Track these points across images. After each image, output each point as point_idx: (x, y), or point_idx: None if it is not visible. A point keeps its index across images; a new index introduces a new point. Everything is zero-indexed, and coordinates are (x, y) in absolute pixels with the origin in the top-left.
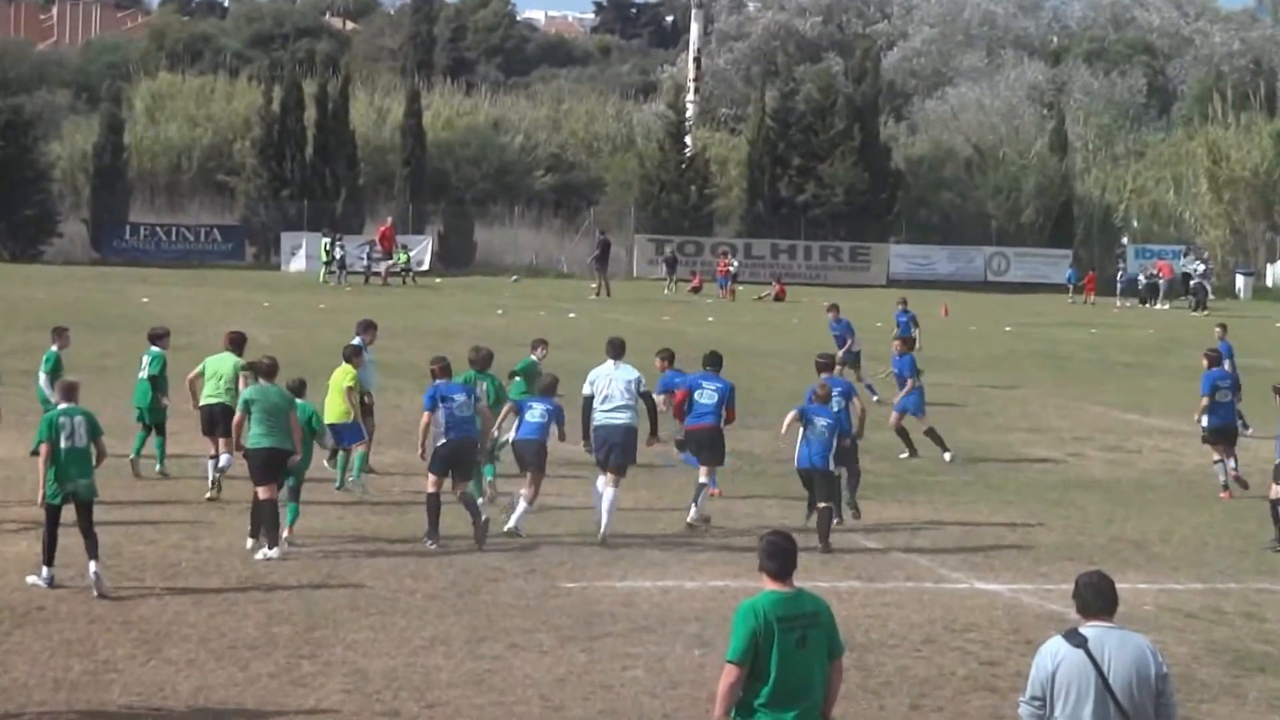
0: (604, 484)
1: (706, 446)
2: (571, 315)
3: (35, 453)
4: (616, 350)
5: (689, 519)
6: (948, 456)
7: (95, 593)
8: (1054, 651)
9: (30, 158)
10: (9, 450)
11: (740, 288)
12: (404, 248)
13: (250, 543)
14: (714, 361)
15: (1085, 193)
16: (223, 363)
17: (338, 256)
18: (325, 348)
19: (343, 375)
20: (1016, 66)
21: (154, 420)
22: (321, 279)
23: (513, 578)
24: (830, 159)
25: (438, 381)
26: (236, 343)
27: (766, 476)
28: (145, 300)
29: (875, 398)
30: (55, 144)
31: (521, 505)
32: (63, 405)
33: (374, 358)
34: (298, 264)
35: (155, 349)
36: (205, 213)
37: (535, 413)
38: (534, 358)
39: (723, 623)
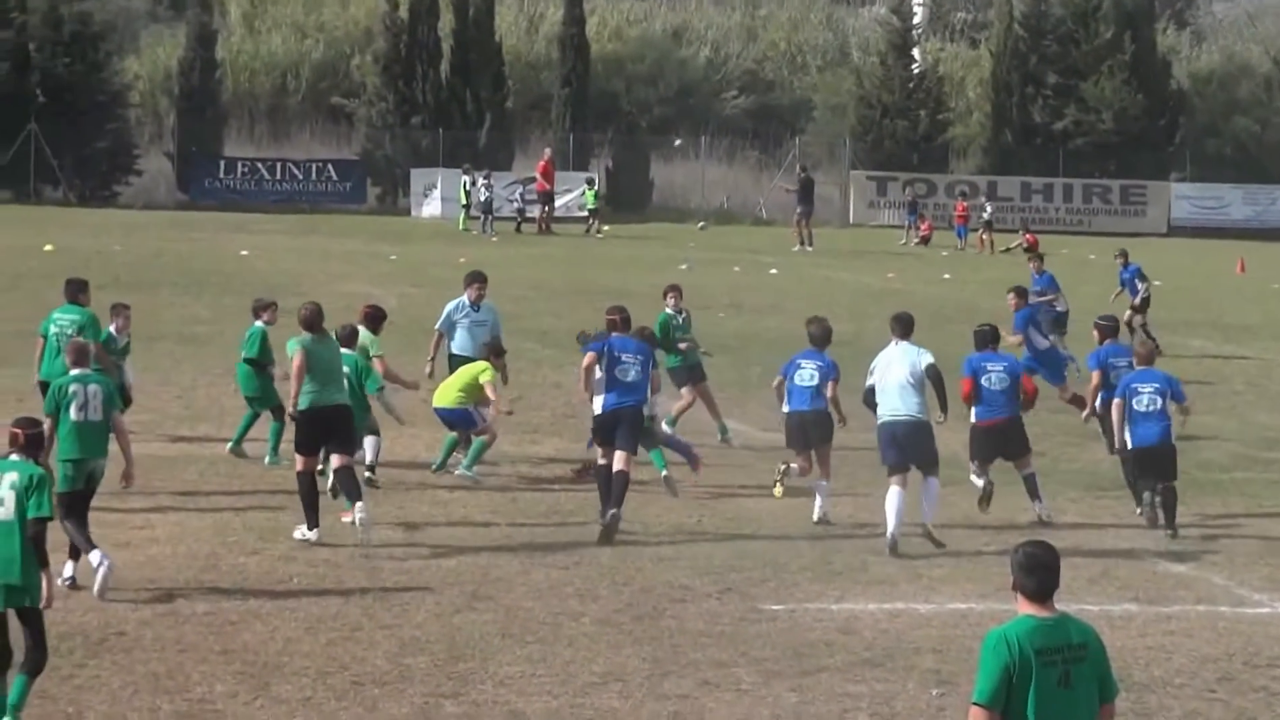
0: (896, 492)
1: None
2: (773, 272)
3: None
4: (904, 327)
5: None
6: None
7: (63, 584)
8: None
9: (102, 78)
10: None
11: (987, 237)
12: (590, 184)
13: (300, 532)
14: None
15: None
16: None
17: (482, 199)
18: None
19: (479, 371)
20: None
21: (263, 405)
22: (461, 226)
23: (703, 598)
24: (1095, 76)
25: (613, 335)
26: (373, 319)
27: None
28: (243, 253)
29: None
30: (132, 61)
31: (823, 485)
32: (75, 371)
33: (495, 310)
34: (431, 208)
35: (257, 324)
36: (317, 145)
37: (806, 373)
38: (668, 310)
39: (966, 655)
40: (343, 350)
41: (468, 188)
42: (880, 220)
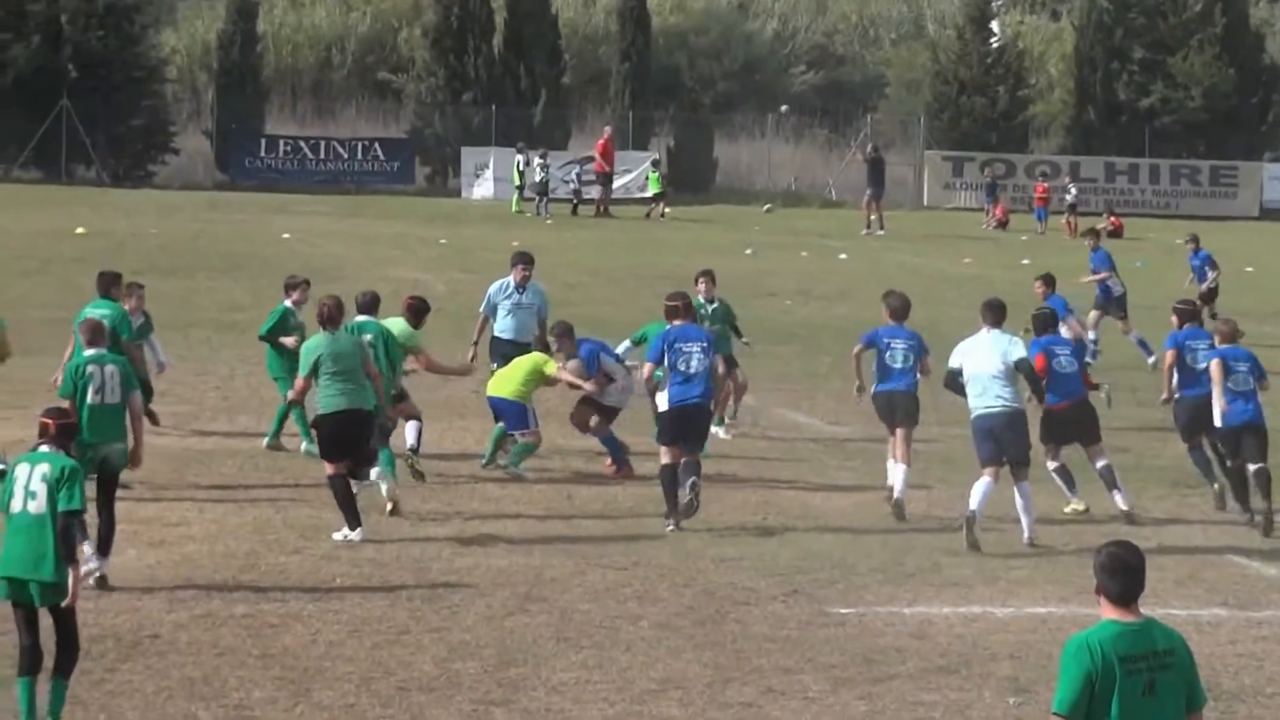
0: (987, 482)
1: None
2: (843, 257)
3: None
4: (995, 315)
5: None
6: None
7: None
8: None
9: (137, 52)
10: None
11: (1072, 220)
12: (655, 165)
13: (342, 534)
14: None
15: None
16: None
17: (537, 179)
18: None
19: (539, 363)
20: None
21: (289, 385)
22: (515, 208)
23: (768, 601)
24: (1184, 51)
25: (674, 324)
26: (416, 312)
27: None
28: (285, 236)
29: (1151, 359)
30: (169, 34)
31: (902, 470)
32: (90, 351)
33: (543, 292)
34: (483, 189)
35: (285, 303)
36: (362, 123)
37: (898, 353)
38: (700, 298)
39: (1046, 662)
40: (365, 318)
41: (521, 168)
42: (956, 203)
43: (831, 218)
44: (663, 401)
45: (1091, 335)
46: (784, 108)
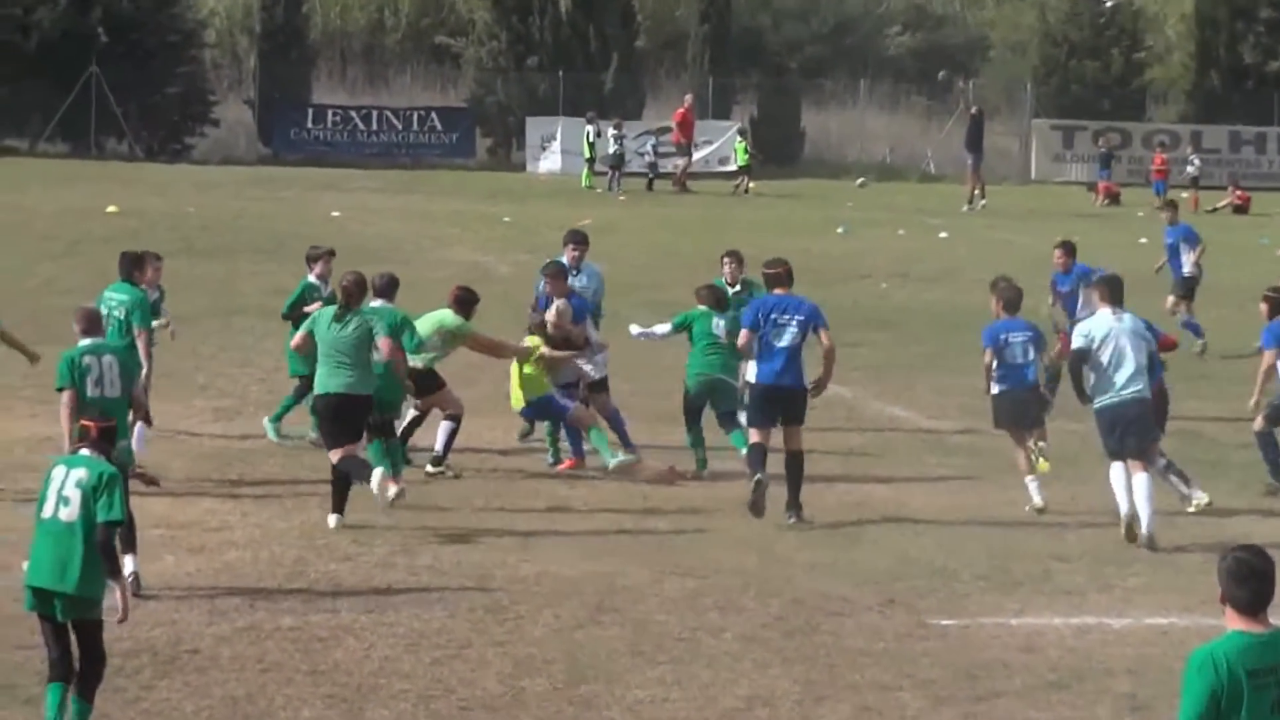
0: (1122, 472)
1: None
2: (943, 235)
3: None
4: (1115, 292)
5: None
6: None
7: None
8: None
9: (173, 14)
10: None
11: (1194, 194)
12: (742, 134)
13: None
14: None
15: None
16: (425, 326)
17: (611, 151)
18: None
19: (536, 346)
20: None
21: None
22: (585, 182)
23: (863, 611)
24: None
25: (772, 292)
26: (463, 304)
27: (1228, 466)
28: (334, 215)
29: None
30: None
31: (1035, 483)
32: (86, 341)
33: (599, 274)
34: (550, 162)
35: (308, 277)
36: (418, 91)
37: (1018, 349)
38: (724, 280)
39: (1166, 677)
40: (379, 303)
41: (592, 139)
42: (1066, 176)
43: (930, 192)
44: (752, 373)
45: (1182, 317)
46: (941, 74)
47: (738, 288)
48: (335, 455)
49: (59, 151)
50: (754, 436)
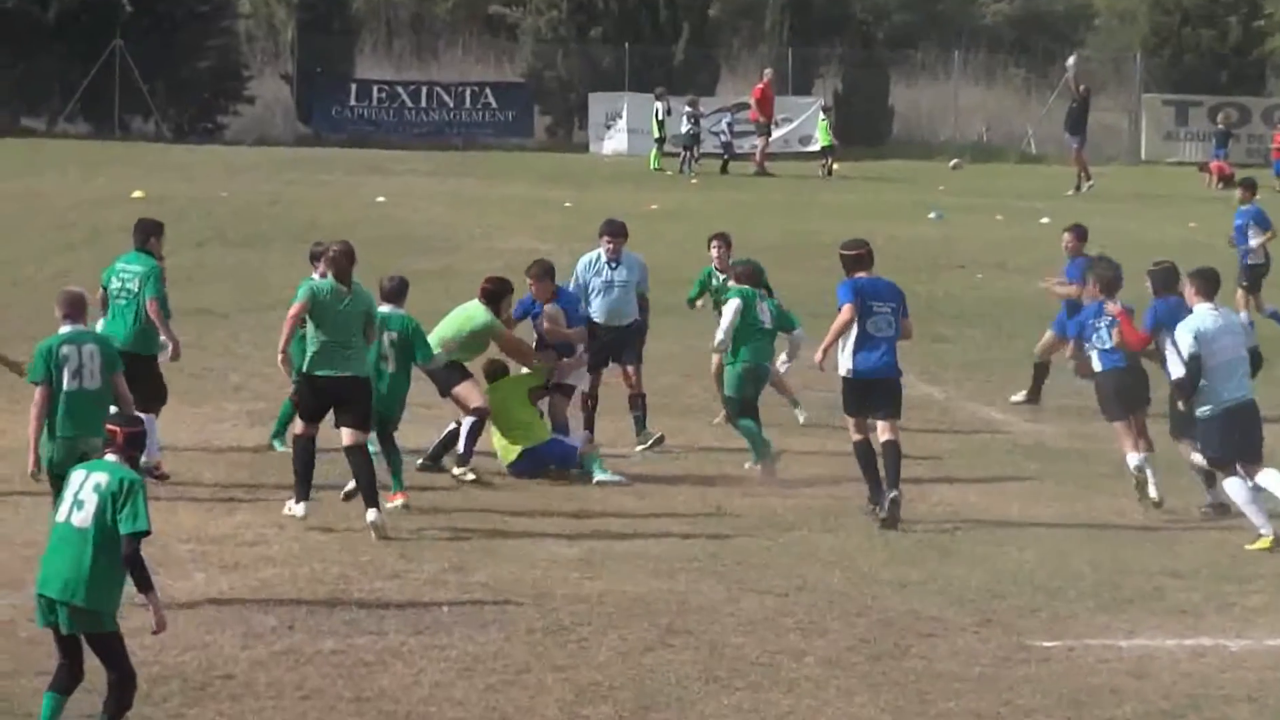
0: (1241, 485)
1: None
2: (1044, 221)
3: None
4: (1209, 284)
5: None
6: None
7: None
8: None
9: None
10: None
11: None
12: (826, 112)
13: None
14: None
15: None
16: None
17: (684, 130)
18: (662, 274)
19: (529, 379)
20: None
21: None
22: (653, 164)
23: (957, 632)
24: None
25: (859, 275)
26: (493, 297)
27: None
28: (379, 200)
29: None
30: None
31: (1153, 477)
32: (67, 328)
33: (641, 265)
34: (615, 142)
35: (312, 276)
36: (471, 65)
37: (1104, 332)
38: (714, 266)
39: None
40: (388, 308)
41: (661, 116)
42: (1180, 155)
43: (1031, 174)
44: (845, 365)
45: (1244, 316)
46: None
47: (728, 275)
48: (349, 438)
49: (80, 132)
50: (856, 432)
